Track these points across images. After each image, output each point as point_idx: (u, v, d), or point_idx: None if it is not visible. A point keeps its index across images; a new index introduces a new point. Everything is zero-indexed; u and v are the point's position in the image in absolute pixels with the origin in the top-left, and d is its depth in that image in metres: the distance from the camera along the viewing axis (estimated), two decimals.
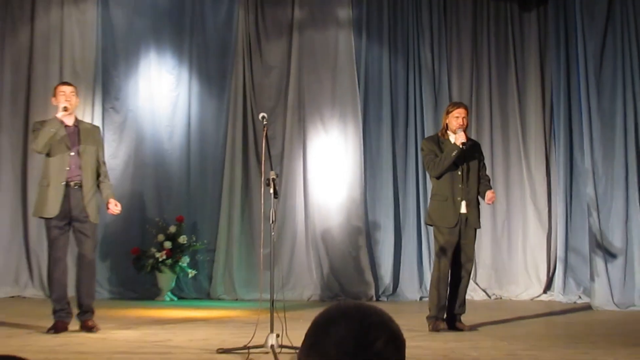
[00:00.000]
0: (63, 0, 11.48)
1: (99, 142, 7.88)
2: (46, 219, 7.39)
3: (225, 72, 11.89)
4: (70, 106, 7.57)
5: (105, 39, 11.58)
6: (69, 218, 7.42)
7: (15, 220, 11.13)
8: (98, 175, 7.70)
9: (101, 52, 11.50)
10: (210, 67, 11.95)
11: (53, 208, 7.33)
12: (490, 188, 8.23)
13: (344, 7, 12.17)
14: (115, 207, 7.69)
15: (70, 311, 7.50)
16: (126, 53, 11.69)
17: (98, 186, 7.71)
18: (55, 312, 7.41)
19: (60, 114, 7.45)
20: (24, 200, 11.15)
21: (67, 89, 7.67)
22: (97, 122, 11.10)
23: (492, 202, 8.42)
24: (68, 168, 7.42)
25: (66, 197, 7.37)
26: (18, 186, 11.20)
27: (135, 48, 11.72)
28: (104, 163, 7.91)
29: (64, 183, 7.38)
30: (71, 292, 7.71)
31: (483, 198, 8.22)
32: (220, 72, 11.92)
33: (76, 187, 7.44)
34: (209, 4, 12.00)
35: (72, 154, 7.49)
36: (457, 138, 7.84)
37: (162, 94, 11.69)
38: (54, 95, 7.71)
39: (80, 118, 11.13)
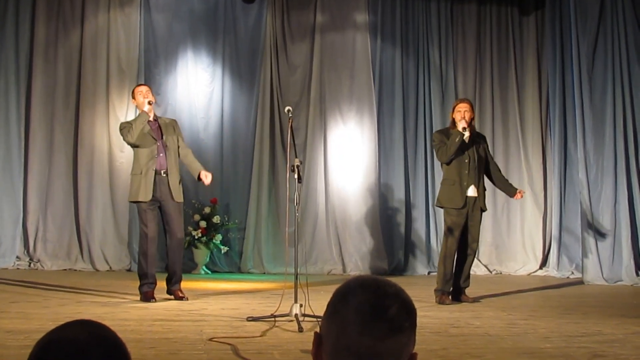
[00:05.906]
0: (110, 5, 11.48)
1: (178, 133, 7.94)
2: (140, 202, 7.48)
3: (255, 70, 11.86)
4: (153, 100, 7.76)
5: (148, 40, 11.57)
6: (158, 202, 7.54)
7: (67, 202, 11.14)
8: (184, 158, 7.87)
9: (144, 51, 11.49)
10: (242, 66, 11.92)
11: (146, 193, 7.44)
12: (516, 189, 8.36)
13: (361, 12, 12.15)
14: (206, 178, 7.75)
15: (156, 281, 7.61)
16: (166, 53, 11.68)
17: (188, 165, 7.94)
18: (145, 283, 7.49)
19: (146, 108, 7.61)
20: (75, 184, 11.17)
21: (144, 89, 7.84)
22: None
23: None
24: (156, 157, 7.54)
25: (156, 183, 7.49)
26: (70, 171, 11.21)
27: (174, 48, 11.69)
28: (187, 146, 8.01)
29: (154, 171, 7.49)
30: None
31: (509, 194, 8.39)
32: (250, 70, 11.89)
33: (164, 174, 7.55)
34: (240, 9, 11.95)
35: (158, 144, 7.59)
36: (458, 125, 7.83)
37: (198, 89, 11.68)
38: (133, 97, 7.86)
39: (125, 111, 11.25)
